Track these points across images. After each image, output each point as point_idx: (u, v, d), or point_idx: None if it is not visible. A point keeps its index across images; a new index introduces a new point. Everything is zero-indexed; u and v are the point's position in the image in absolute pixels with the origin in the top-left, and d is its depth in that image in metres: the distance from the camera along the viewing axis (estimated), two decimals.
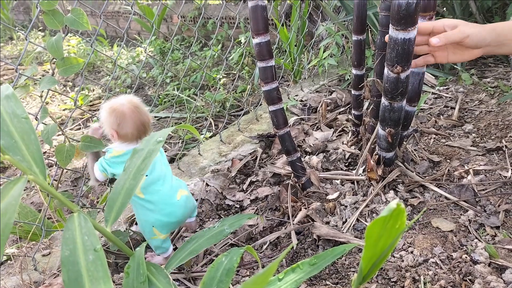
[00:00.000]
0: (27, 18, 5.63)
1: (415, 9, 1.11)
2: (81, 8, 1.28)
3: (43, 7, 1.22)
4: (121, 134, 1.24)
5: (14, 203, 0.53)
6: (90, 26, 1.25)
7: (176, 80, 3.41)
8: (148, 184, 1.25)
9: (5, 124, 0.66)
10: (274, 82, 1.45)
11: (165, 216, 1.28)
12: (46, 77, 1.22)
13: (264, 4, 1.35)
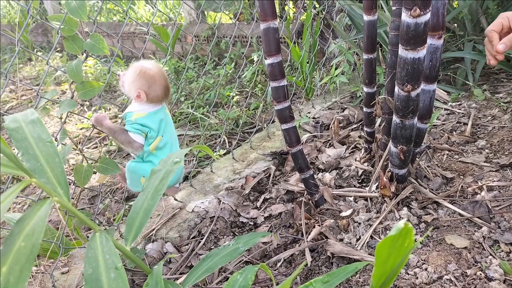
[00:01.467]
0: (45, 40, 5.79)
1: (423, 30, 1.14)
2: (97, 28, 1.34)
3: (64, 33, 1.27)
4: (150, 96, 1.34)
5: (41, 224, 0.56)
6: (107, 47, 1.30)
7: (190, 99, 3.46)
8: (163, 144, 1.39)
9: (31, 148, 0.70)
10: (287, 101, 1.48)
11: None
12: (66, 100, 1.27)
13: (275, 26, 1.38)
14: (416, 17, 1.10)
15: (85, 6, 1.20)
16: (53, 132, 3.32)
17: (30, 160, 0.68)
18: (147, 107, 1.37)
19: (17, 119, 0.75)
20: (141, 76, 1.33)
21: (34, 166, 0.68)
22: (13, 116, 0.76)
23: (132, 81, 1.34)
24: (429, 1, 1.10)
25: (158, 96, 1.35)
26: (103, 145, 2.98)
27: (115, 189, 2.37)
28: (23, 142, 0.71)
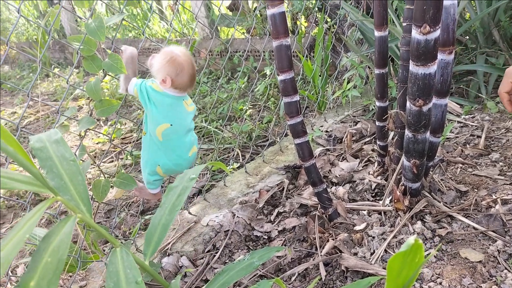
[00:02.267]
0: (62, 56, 5.92)
1: (433, 46, 1.16)
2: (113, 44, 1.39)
3: (83, 53, 1.32)
4: (176, 83, 1.34)
5: (66, 240, 0.59)
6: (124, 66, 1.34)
7: (204, 112, 3.51)
8: (170, 133, 1.36)
9: (55, 166, 0.73)
10: (299, 116, 1.50)
11: (173, 165, 1.42)
12: (85, 117, 1.31)
13: (288, 43, 1.41)
14: (426, 34, 1.12)
15: (103, 28, 1.25)
16: (71, 146, 3.39)
17: (54, 178, 0.72)
18: (168, 90, 1.36)
19: (42, 139, 0.79)
20: (171, 63, 1.33)
21: (58, 184, 0.71)
22: (38, 136, 0.80)
23: (161, 66, 1.34)
24: (438, 18, 1.12)
25: (183, 84, 1.36)
26: (119, 160, 3.03)
27: (131, 202, 2.41)
28: (47, 161, 0.74)
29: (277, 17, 1.39)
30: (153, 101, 1.34)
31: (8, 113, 4.36)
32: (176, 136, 1.38)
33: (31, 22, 6.64)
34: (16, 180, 0.62)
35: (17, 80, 5.55)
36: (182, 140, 1.41)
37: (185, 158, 1.43)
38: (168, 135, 1.36)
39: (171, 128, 1.35)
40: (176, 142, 1.39)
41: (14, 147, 0.59)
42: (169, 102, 1.35)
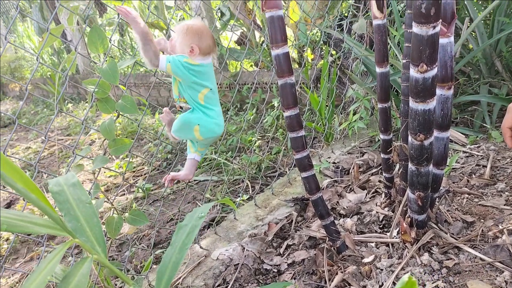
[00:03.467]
0: (76, 91, 6.09)
1: (431, 83, 1.20)
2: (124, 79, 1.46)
3: (97, 95, 1.39)
4: (202, 47, 1.43)
5: (84, 280, 0.63)
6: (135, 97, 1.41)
7: (213, 144, 3.57)
8: (210, 96, 1.48)
9: (73, 209, 0.78)
10: (305, 151, 1.54)
11: (214, 124, 1.51)
12: (99, 156, 1.37)
13: (292, 81, 1.47)
14: (424, 73, 1.17)
15: (117, 72, 1.32)
16: (83, 180, 3.46)
17: (71, 221, 0.76)
18: (199, 60, 1.45)
19: (60, 182, 0.84)
20: (190, 32, 1.42)
21: (75, 226, 0.76)
22: (56, 180, 0.85)
23: (183, 39, 1.43)
24: (435, 57, 1.17)
25: (209, 46, 1.45)
26: (131, 193, 3.08)
27: (142, 236, 2.44)
28: (65, 204, 0.79)
29: (281, 57, 1.45)
30: (192, 73, 1.43)
31: (23, 148, 4.47)
32: (215, 98, 1.52)
33: (45, 59, 6.86)
34: (37, 224, 0.67)
35: (32, 116, 5.70)
36: (219, 106, 1.55)
37: (222, 120, 1.55)
38: (209, 98, 1.49)
39: (211, 91, 1.48)
40: (215, 105, 1.52)
41: (36, 194, 0.64)
42: (205, 70, 1.47)
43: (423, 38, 1.13)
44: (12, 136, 5.03)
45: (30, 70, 6.92)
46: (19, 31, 7.84)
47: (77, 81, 5.88)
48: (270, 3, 1.39)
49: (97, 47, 1.36)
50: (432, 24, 1.11)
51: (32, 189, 0.65)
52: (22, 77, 6.78)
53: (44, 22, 5.75)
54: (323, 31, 2.97)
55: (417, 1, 1.09)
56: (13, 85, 6.86)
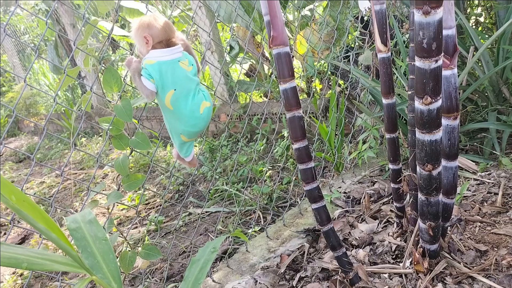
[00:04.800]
0: (89, 125, 6.20)
1: (437, 114, 1.23)
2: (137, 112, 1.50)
3: (112, 132, 1.44)
4: (155, 37, 1.42)
5: None
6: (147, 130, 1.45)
7: (225, 175, 3.60)
8: (176, 98, 1.45)
9: (89, 246, 0.81)
10: (315, 182, 1.56)
11: (190, 127, 1.51)
12: (113, 192, 1.41)
13: (300, 115, 1.51)
14: (428, 105, 1.20)
15: (131, 110, 1.37)
16: (96, 214, 3.49)
17: (88, 257, 0.79)
18: (159, 54, 1.43)
19: (77, 219, 0.87)
20: (139, 26, 1.44)
21: (92, 263, 0.78)
22: (73, 217, 0.88)
23: (135, 35, 1.45)
24: (439, 89, 1.20)
25: (161, 33, 1.43)
26: (143, 225, 3.10)
27: (154, 269, 2.45)
28: (82, 241, 0.82)
29: (289, 91, 1.49)
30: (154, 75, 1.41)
31: (37, 182, 4.54)
32: (183, 99, 1.47)
33: (59, 95, 7.02)
34: (57, 262, 0.69)
35: (46, 151, 5.80)
36: (189, 101, 1.49)
37: (197, 116, 1.51)
38: (176, 101, 1.46)
39: (176, 92, 1.45)
40: (184, 105, 1.48)
41: (57, 233, 0.67)
42: (165, 68, 1.43)
43: (426, 72, 1.16)
44: (27, 171, 5.11)
45: (45, 106, 7.09)
46: (35, 68, 8.06)
47: (91, 115, 6.00)
48: (276, 41, 1.44)
49: (112, 87, 1.42)
50: (434, 58, 1.14)
51: (53, 228, 0.68)
52: (37, 113, 6.94)
53: (58, 59, 5.93)
54: (330, 63, 3.03)
55: (419, 36, 1.13)
56: (28, 121, 7.02)
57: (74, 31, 5.49)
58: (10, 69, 8.51)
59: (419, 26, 1.12)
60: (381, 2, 1.52)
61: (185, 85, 1.48)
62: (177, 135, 1.56)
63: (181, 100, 1.47)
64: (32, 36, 7.70)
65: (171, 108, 1.47)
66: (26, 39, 7.90)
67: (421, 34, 1.12)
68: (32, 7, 7.85)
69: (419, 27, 1.12)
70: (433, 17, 1.10)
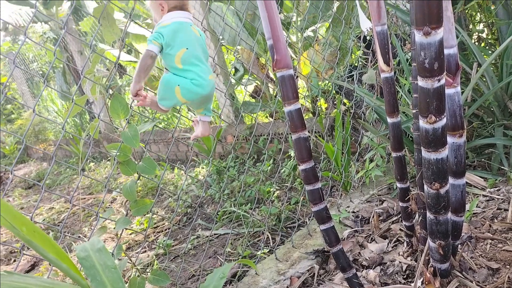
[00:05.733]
0: (97, 150, 6.25)
1: (442, 133, 1.23)
2: (144, 136, 1.51)
3: (119, 158, 1.45)
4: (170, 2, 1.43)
5: None
6: (154, 153, 1.47)
7: (232, 197, 3.60)
8: (187, 56, 1.41)
9: (99, 274, 0.81)
10: (323, 203, 1.56)
11: (195, 84, 1.42)
12: (121, 218, 1.41)
13: (305, 135, 1.52)
14: (433, 123, 1.20)
15: (138, 136, 1.39)
16: (105, 239, 3.50)
17: (98, 286, 0.79)
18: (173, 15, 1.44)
19: (86, 248, 0.88)
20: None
21: None
22: (82, 246, 0.89)
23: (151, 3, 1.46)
24: (443, 108, 1.20)
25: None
26: (152, 249, 3.09)
27: None
28: (91, 270, 0.83)
29: (294, 113, 1.51)
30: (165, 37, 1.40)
31: (46, 208, 4.56)
32: (195, 59, 1.44)
33: (68, 121, 7.10)
34: None
35: (55, 176, 5.84)
36: (202, 63, 1.46)
37: (205, 78, 1.46)
38: (187, 59, 1.42)
39: (188, 51, 1.42)
40: (195, 65, 1.44)
41: (68, 263, 0.68)
42: (179, 27, 1.43)
43: (429, 91, 1.17)
44: (36, 197, 5.14)
45: (53, 131, 7.17)
46: (43, 95, 8.19)
47: (99, 140, 6.05)
48: (280, 64, 1.47)
49: (119, 114, 1.44)
50: (437, 77, 1.15)
51: (63, 258, 0.68)
52: (46, 139, 7.01)
53: (67, 86, 6.02)
54: (334, 82, 3.05)
55: (420, 56, 1.14)
56: (37, 147, 7.09)
57: (81, 58, 5.59)
58: (19, 96, 8.65)
59: (420, 47, 1.13)
60: (382, 23, 1.54)
61: (197, 48, 1.47)
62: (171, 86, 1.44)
63: (192, 59, 1.44)
64: (40, 63, 7.85)
65: (180, 67, 1.43)
66: (35, 66, 8.04)
67: (423, 55, 1.13)
68: (40, 35, 8.02)
69: (420, 47, 1.13)
70: (433, 37, 1.11)
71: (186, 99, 1.46)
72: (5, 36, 11.08)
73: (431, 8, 1.07)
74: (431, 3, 1.06)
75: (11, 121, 8.28)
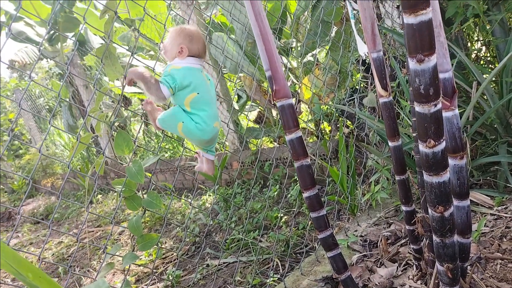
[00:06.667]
0: (104, 182, 6.28)
1: (442, 156, 1.24)
2: (150, 166, 1.53)
3: (125, 194, 1.47)
4: (191, 49, 1.48)
5: None
6: (160, 183, 1.48)
7: (240, 224, 3.58)
8: (196, 101, 1.46)
9: None
10: (328, 230, 1.56)
11: (198, 130, 1.48)
12: (128, 253, 1.42)
13: (308, 163, 1.53)
14: (432, 147, 1.21)
15: (142, 171, 1.40)
16: (114, 271, 3.48)
17: None
18: (186, 62, 1.49)
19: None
20: (182, 33, 1.49)
21: None
22: (87, 287, 0.89)
23: (174, 39, 1.49)
24: (441, 132, 1.21)
25: (199, 49, 1.51)
26: (161, 281, 3.07)
27: None
28: None
29: (295, 141, 1.53)
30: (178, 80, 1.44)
31: (55, 243, 4.56)
32: (204, 103, 1.49)
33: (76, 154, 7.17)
34: None
35: (63, 210, 5.86)
36: (210, 108, 1.51)
37: (210, 125, 1.51)
38: (197, 103, 1.47)
39: (198, 96, 1.47)
40: (203, 110, 1.49)
41: None
42: (191, 73, 1.48)
43: (426, 116, 1.19)
44: (45, 231, 5.15)
45: (61, 165, 7.22)
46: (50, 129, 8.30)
47: (106, 172, 6.09)
48: (279, 94, 1.49)
49: (123, 150, 1.46)
50: (433, 102, 1.16)
51: None
52: (53, 173, 7.07)
53: (73, 119, 6.10)
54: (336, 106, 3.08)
55: (415, 83, 1.16)
56: (45, 181, 7.14)
57: (87, 92, 5.69)
58: (27, 132, 8.77)
59: (415, 74, 1.15)
60: (378, 50, 1.57)
61: (207, 93, 1.52)
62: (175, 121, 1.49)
63: (201, 104, 1.49)
64: (47, 98, 7.98)
65: (189, 110, 1.48)
66: (41, 102, 8.18)
67: (418, 81, 1.15)
68: (46, 71, 8.18)
69: (414, 74, 1.15)
70: (427, 64, 1.13)
71: (185, 135, 1.51)
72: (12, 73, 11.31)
73: (423, 36, 1.10)
74: (423, 32, 1.09)
75: (19, 156, 8.37)
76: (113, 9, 1.52)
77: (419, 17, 1.07)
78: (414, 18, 1.07)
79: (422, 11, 1.06)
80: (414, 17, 1.07)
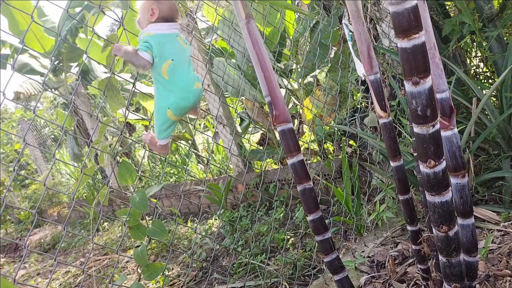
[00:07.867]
0: (110, 209, 6.28)
1: (443, 176, 1.24)
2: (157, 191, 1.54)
3: (129, 223, 1.48)
4: (162, 9, 1.48)
5: None
6: (166, 208, 1.49)
7: (247, 247, 3.56)
8: (173, 68, 1.46)
9: None
10: (334, 253, 1.56)
11: (181, 100, 1.50)
12: (134, 284, 1.42)
13: (310, 186, 1.54)
14: (433, 167, 1.22)
15: (146, 201, 1.42)
16: None
17: None
18: (158, 28, 1.48)
19: None
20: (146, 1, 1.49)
21: None
22: None
23: (143, 6, 1.49)
24: (441, 152, 1.22)
25: (169, 9, 1.50)
26: None
27: None
28: None
29: (297, 165, 1.54)
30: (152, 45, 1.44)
31: (62, 272, 4.54)
32: (180, 70, 1.50)
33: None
34: None
35: (69, 239, 5.85)
36: (186, 74, 1.52)
37: (190, 90, 1.53)
38: (172, 70, 1.48)
39: (173, 63, 1.47)
40: (180, 76, 1.50)
41: None
42: (164, 40, 1.48)
43: (425, 137, 1.20)
44: (52, 261, 5.13)
45: (67, 194, 7.24)
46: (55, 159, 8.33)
47: (111, 199, 6.09)
48: (279, 119, 1.52)
49: (127, 179, 1.48)
50: (431, 123, 1.18)
51: None
52: (59, 201, 7.08)
53: (78, 147, 6.15)
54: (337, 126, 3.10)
55: (412, 105, 1.18)
56: (52, 210, 7.15)
57: (91, 120, 5.74)
58: (32, 162, 8.83)
59: (411, 96, 1.17)
60: (375, 72, 1.59)
61: (183, 58, 1.54)
62: (164, 111, 1.52)
63: (177, 70, 1.50)
64: (52, 128, 8.07)
65: (166, 78, 1.49)
66: (46, 131, 8.26)
67: (414, 103, 1.17)
68: (51, 100, 8.29)
69: (411, 96, 1.17)
70: (423, 86, 1.15)
71: (177, 116, 1.55)
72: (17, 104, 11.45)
73: (417, 59, 1.12)
74: (417, 55, 1.11)
75: (26, 186, 8.40)
76: (114, 42, 1.55)
77: (412, 41, 1.09)
78: (408, 42, 1.09)
79: (415, 35, 1.09)
80: (408, 41, 1.09)
